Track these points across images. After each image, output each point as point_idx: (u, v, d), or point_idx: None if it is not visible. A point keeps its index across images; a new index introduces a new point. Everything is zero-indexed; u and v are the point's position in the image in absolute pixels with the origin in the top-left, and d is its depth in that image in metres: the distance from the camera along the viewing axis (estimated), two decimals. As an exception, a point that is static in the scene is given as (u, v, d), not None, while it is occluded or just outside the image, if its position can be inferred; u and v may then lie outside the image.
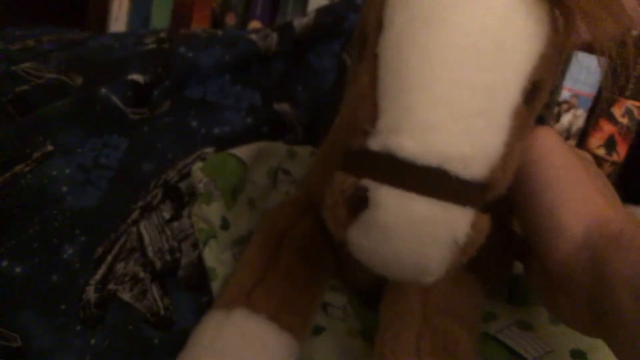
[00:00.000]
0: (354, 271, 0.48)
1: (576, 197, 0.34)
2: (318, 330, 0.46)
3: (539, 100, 0.32)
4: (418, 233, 0.27)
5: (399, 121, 0.28)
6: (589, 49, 0.33)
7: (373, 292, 0.46)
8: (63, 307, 0.42)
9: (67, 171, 0.47)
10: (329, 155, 0.46)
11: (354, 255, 0.30)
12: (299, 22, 0.63)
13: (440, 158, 0.27)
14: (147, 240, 0.47)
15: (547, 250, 0.35)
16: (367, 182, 0.28)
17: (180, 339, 0.40)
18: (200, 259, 0.48)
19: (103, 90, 0.51)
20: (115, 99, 0.51)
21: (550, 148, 0.35)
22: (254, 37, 0.60)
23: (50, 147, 0.48)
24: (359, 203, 0.28)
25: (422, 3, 0.29)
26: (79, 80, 0.55)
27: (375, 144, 0.28)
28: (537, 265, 0.39)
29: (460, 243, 0.28)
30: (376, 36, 0.30)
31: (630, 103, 0.66)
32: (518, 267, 0.46)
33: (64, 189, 0.47)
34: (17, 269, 0.43)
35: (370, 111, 0.29)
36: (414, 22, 0.29)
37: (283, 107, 0.61)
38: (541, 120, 0.70)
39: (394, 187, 0.27)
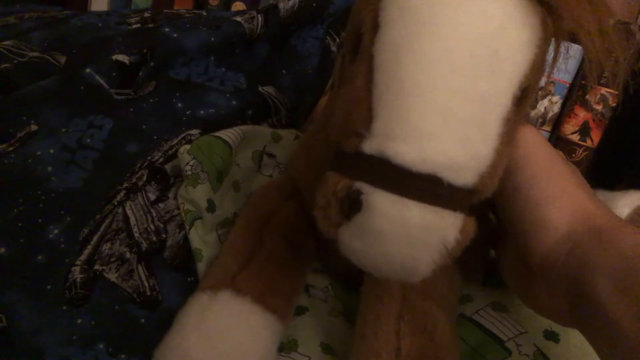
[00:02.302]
0: (336, 256, 0.49)
1: (560, 192, 0.35)
2: (301, 311, 0.47)
3: (527, 105, 0.32)
4: (411, 238, 0.28)
5: (394, 127, 0.28)
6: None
7: (354, 276, 0.47)
8: (49, 287, 0.43)
9: (52, 151, 0.47)
10: (312, 142, 0.46)
11: (344, 254, 0.30)
12: (284, 5, 0.63)
13: (435, 166, 0.28)
14: (132, 221, 0.47)
15: (531, 242, 0.36)
16: (360, 185, 0.28)
17: (167, 318, 0.41)
18: (186, 240, 0.48)
19: (87, 70, 0.51)
20: (99, 79, 0.51)
21: (535, 146, 0.36)
22: (239, 19, 0.60)
23: (34, 127, 0.48)
24: (352, 205, 0.28)
25: (419, 7, 0.29)
26: (62, 59, 0.54)
27: (369, 148, 0.29)
28: (511, 255, 0.40)
29: (449, 247, 0.29)
30: (372, 36, 0.30)
31: (605, 90, 0.68)
32: (493, 251, 0.47)
33: (49, 169, 0.46)
34: (2, 250, 0.43)
35: (365, 114, 0.29)
36: (411, 25, 0.29)
37: (268, 90, 0.61)
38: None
39: (388, 191, 0.28)
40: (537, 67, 0.31)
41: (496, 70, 0.29)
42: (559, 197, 0.35)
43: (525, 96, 0.31)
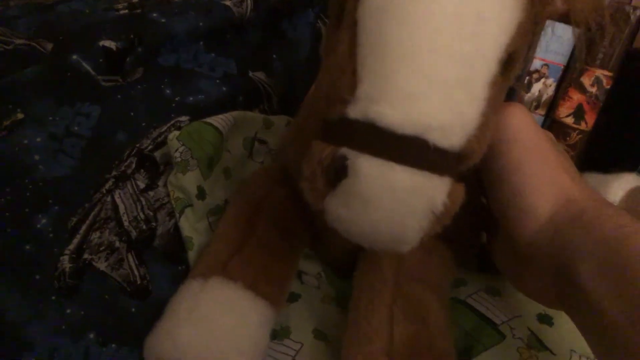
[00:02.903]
0: (328, 242, 0.48)
1: (544, 178, 0.35)
2: (294, 298, 0.47)
3: (513, 71, 0.32)
4: (397, 202, 0.27)
5: (379, 90, 0.28)
6: (560, 18, 0.33)
7: (346, 262, 0.46)
8: (37, 277, 0.42)
9: (39, 140, 0.47)
10: (303, 125, 0.46)
11: (331, 225, 0.30)
12: (274, -11, 0.62)
13: (420, 127, 0.27)
14: (122, 209, 0.47)
15: (515, 228, 0.36)
16: (346, 151, 0.28)
17: (157, 307, 0.40)
18: (176, 228, 0.48)
19: (74, 57, 0.50)
20: (86, 65, 0.50)
21: (521, 128, 0.36)
22: (228, 3, 0.59)
23: (20, 115, 0.47)
24: (338, 172, 0.28)
25: None
26: (48, 47, 0.53)
27: (354, 112, 0.28)
28: (501, 239, 0.40)
29: (437, 212, 0.28)
30: (355, 1, 0.29)
31: (599, 72, 0.67)
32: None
33: (36, 157, 0.46)
34: (-11, 240, 0.42)
35: (349, 79, 0.29)
36: None
37: (259, 75, 0.61)
38: (512, 91, 0.71)
39: (373, 156, 0.27)
40: (523, 31, 0.30)
41: (481, 32, 0.28)
42: (542, 184, 0.35)
43: (511, 61, 0.30)
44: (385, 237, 0.29)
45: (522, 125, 0.36)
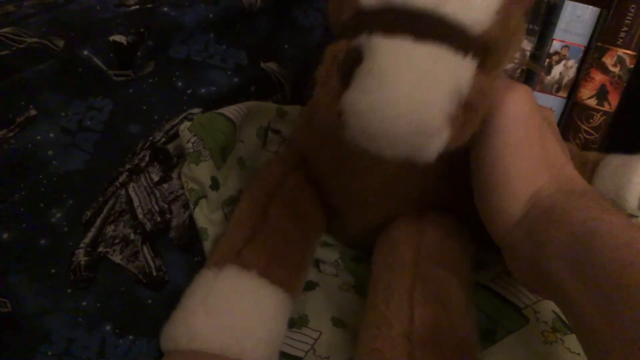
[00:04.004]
0: (346, 221, 0.48)
1: (518, 177, 0.34)
2: (311, 286, 0.46)
3: None
4: (417, 76, 0.26)
5: None
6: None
7: (365, 242, 0.46)
8: (53, 271, 0.42)
9: (52, 135, 0.47)
10: (316, 108, 0.45)
11: (349, 131, 0.28)
12: (283, -22, 0.62)
13: None
14: (136, 202, 0.47)
15: (489, 225, 0.36)
16: (359, 40, 0.26)
17: (174, 298, 0.40)
18: (191, 219, 0.47)
19: (85, 52, 0.50)
20: (97, 60, 0.50)
21: (510, 120, 0.34)
22: (237, -7, 0.59)
23: (33, 112, 0.47)
24: (353, 65, 0.26)
25: None
26: (60, 44, 0.53)
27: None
28: None
29: (462, 93, 0.26)
30: None
31: (621, 52, 0.65)
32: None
33: (49, 153, 0.46)
34: (5, 235, 0.42)
35: None
36: None
37: (270, 65, 0.60)
38: (531, 74, 0.69)
39: (390, 36, 0.26)
40: None
41: None
42: (515, 184, 0.34)
43: None
44: (407, 125, 0.26)
45: (514, 116, 0.34)
